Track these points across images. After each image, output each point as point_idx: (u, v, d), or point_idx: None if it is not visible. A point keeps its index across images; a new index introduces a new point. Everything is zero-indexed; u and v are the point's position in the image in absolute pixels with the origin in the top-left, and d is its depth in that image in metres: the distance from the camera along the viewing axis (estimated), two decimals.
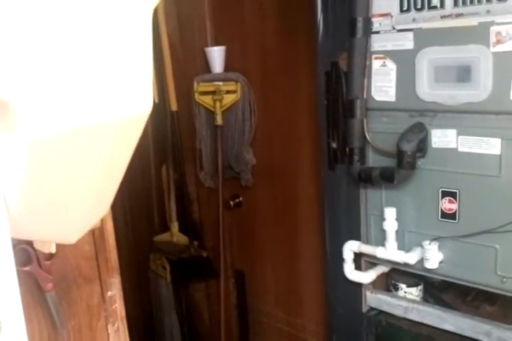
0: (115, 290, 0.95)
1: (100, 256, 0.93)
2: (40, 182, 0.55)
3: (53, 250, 0.77)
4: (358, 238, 1.68)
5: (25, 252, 0.79)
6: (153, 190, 2.62)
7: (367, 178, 1.55)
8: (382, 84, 1.51)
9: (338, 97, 1.61)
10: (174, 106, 2.47)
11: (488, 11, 1.29)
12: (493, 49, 1.29)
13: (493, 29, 1.28)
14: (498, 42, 1.28)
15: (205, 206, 2.57)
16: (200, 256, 2.45)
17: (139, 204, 2.62)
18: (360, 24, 1.45)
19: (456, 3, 1.33)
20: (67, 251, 0.88)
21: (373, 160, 1.59)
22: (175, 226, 2.51)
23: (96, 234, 0.91)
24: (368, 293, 1.72)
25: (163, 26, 2.34)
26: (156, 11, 0.58)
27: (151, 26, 0.60)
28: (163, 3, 2.28)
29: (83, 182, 0.59)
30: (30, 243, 0.78)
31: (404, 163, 1.43)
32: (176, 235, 2.50)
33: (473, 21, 1.31)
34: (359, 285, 1.72)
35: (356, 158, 1.57)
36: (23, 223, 0.57)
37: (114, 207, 0.80)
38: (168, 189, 2.54)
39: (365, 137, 1.54)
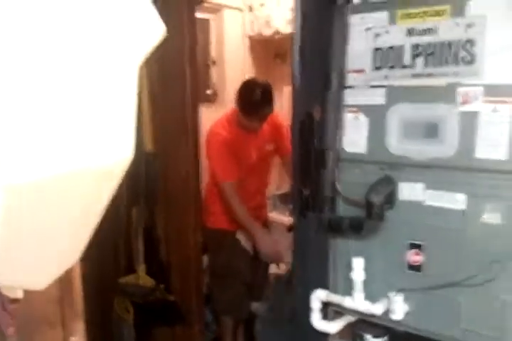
0: (78, 337, 0.93)
1: (65, 300, 0.92)
2: (14, 229, 0.55)
3: (20, 295, 0.76)
4: (326, 286, 1.68)
5: None
6: (120, 230, 2.58)
7: (336, 227, 1.57)
8: (354, 136, 1.55)
9: (311, 147, 1.64)
10: (149, 147, 2.48)
11: (456, 73, 1.36)
12: (460, 108, 1.35)
13: (460, 90, 1.35)
14: (465, 102, 1.35)
15: (174, 248, 2.55)
16: (166, 300, 2.41)
17: (105, 245, 2.58)
18: (334, 79, 1.50)
19: (426, 64, 1.40)
20: (33, 294, 0.86)
21: (343, 209, 1.61)
22: (141, 269, 2.47)
23: (62, 278, 0.90)
24: None
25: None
26: None
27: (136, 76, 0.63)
28: None
29: (58, 229, 0.59)
30: None
31: (373, 213, 1.46)
32: (142, 277, 2.46)
33: (442, 81, 1.38)
34: (325, 335, 1.70)
35: (327, 207, 1.59)
36: None
37: None
38: (136, 230, 2.52)
39: (335, 187, 1.58)
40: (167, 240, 2.55)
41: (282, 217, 3.48)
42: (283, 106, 3.03)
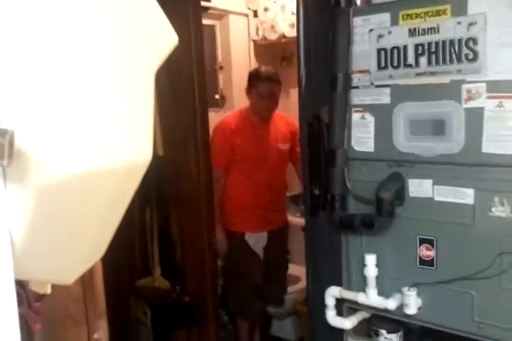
0: (102, 334, 0.97)
1: (89, 299, 0.95)
2: (45, 224, 0.59)
3: (48, 291, 0.79)
4: (339, 283, 1.71)
5: (16, 293, 0.81)
6: (135, 233, 2.63)
7: (348, 225, 1.60)
8: (362, 135, 1.59)
9: (320, 147, 1.68)
10: (160, 151, 2.52)
11: (459, 70, 1.38)
12: (464, 105, 1.38)
13: (465, 87, 1.38)
14: (470, 98, 1.37)
15: (189, 250, 2.58)
16: (182, 301, 2.44)
17: (120, 247, 2.61)
18: (340, 79, 1.54)
19: (429, 62, 1.43)
20: (57, 292, 0.90)
21: (354, 207, 1.64)
22: (157, 271, 2.51)
23: (85, 277, 0.93)
24: (350, 339, 1.73)
25: None
26: None
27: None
28: None
29: (85, 225, 0.63)
30: (20, 283, 0.80)
31: (383, 210, 1.49)
32: (158, 280, 2.50)
33: (445, 79, 1.41)
34: (341, 331, 1.73)
35: (337, 204, 1.62)
36: (26, 263, 0.60)
37: None
38: (151, 232, 2.56)
39: (345, 185, 1.60)
40: (182, 242, 2.58)
41: (294, 218, 3.51)
42: (291, 108, 3.06)
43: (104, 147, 0.57)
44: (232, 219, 2.93)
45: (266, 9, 3.69)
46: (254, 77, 2.91)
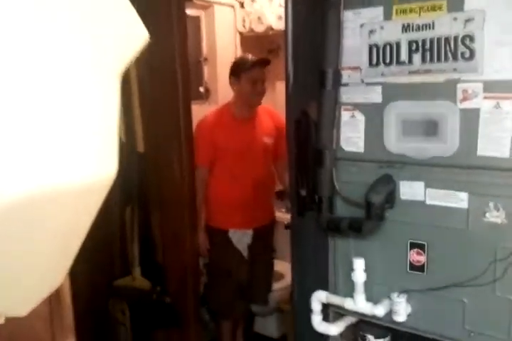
0: None
1: (55, 316, 0.88)
2: None
3: (1, 321, 0.71)
4: (326, 288, 1.65)
5: None
6: (115, 231, 2.54)
7: (335, 228, 1.54)
8: (351, 135, 1.52)
9: (308, 146, 1.61)
10: (141, 148, 2.44)
11: (454, 69, 1.32)
12: (460, 105, 1.32)
13: (460, 86, 1.32)
14: (465, 99, 1.31)
15: (170, 249, 2.51)
16: (162, 301, 2.37)
17: (99, 246, 2.53)
18: (329, 76, 1.46)
19: (423, 60, 1.37)
20: None
21: (342, 209, 1.58)
22: (137, 271, 2.43)
23: (52, 295, 0.86)
24: None
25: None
26: None
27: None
28: None
29: (38, 252, 0.55)
30: None
31: (373, 214, 1.43)
32: (138, 279, 2.42)
33: (440, 78, 1.35)
34: (327, 336, 1.68)
35: (325, 206, 1.56)
36: None
37: None
38: (132, 231, 2.47)
39: (334, 186, 1.54)
40: (163, 241, 2.51)
41: (279, 214, 3.44)
42: (277, 101, 2.99)
43: (57, 164, 0.50)
44: (216, 216, 2.86)
45: (253, 0, 3.60)
46: (245, 63, 2.82)
